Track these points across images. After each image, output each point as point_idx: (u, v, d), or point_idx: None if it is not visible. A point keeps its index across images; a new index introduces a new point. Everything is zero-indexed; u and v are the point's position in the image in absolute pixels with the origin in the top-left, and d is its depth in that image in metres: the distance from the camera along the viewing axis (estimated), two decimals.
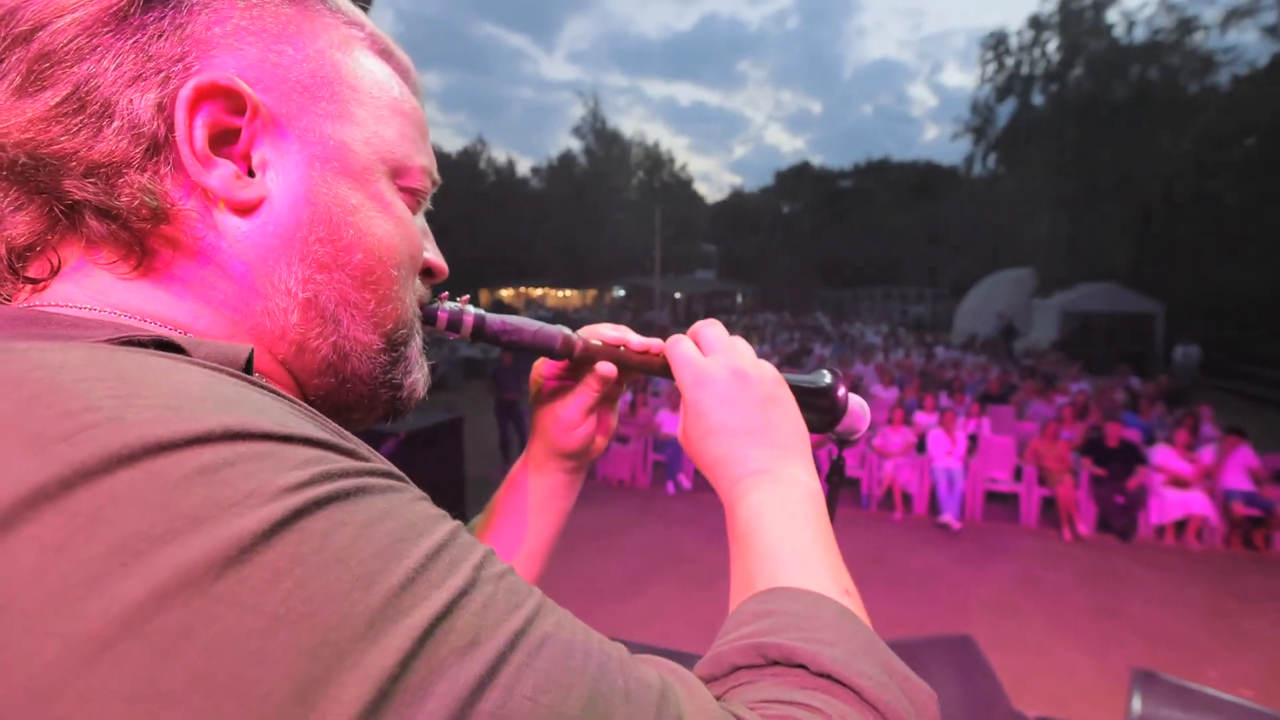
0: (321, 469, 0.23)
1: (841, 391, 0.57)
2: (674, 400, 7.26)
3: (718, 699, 0.31)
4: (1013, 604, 4.34)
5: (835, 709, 0.30)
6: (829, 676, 0.32)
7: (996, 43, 18.89)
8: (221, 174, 0.33)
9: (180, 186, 0.33)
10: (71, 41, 0.30)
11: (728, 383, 0.48)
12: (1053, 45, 18.02)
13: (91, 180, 0.30)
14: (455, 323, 0.47)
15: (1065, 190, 16.14)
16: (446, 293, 0.49)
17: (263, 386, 0.28)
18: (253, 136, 0.34)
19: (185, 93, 0.31)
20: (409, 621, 0.21)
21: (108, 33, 0.30)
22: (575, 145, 40.29)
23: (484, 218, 38.75)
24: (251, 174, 0.34)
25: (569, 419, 0.56)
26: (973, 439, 6.39)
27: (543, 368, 0.56)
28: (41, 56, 0.29)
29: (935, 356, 12.99)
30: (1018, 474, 6.00)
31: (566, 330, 0.51)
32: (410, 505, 0.25)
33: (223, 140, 0.33)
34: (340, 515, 0.22)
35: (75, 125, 0.30)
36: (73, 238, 0.32)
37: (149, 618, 0.18)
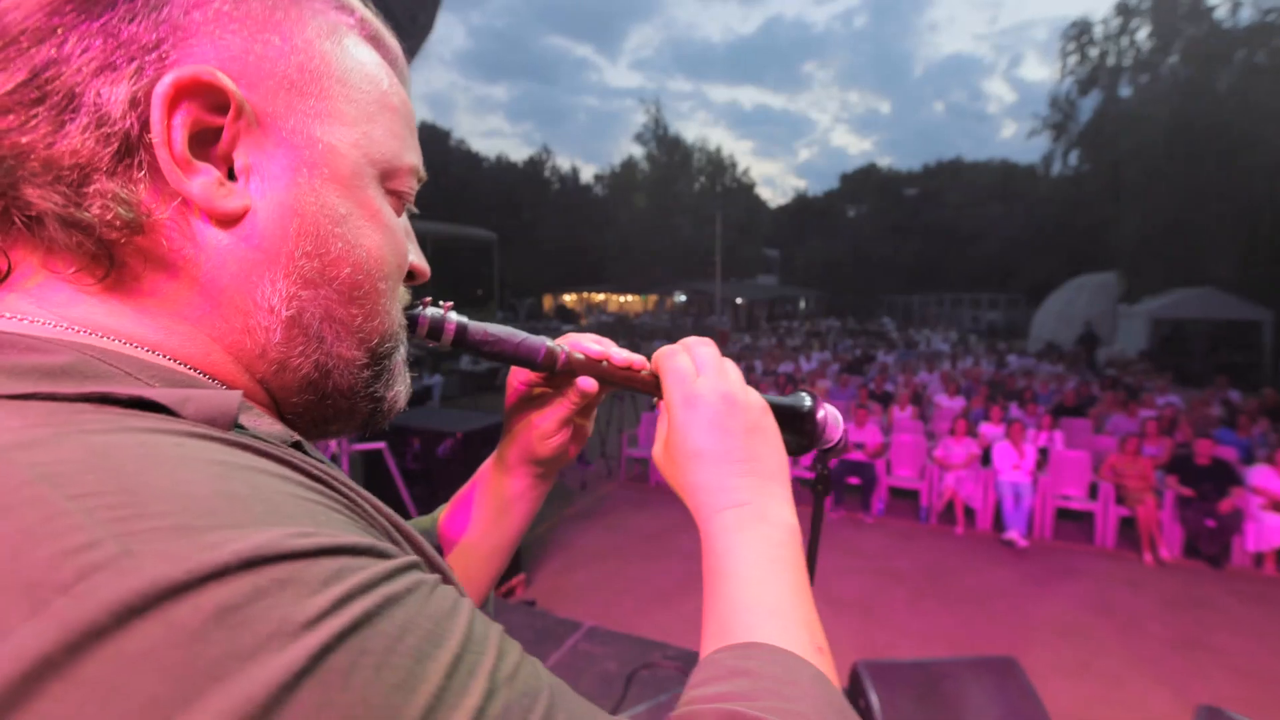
0: (343, 589, 0.21)
1: (821, 414, 0.58)
2: None
3: None
4: (1083, 629, 4.11)
5: None
6: None
7: (1079, 33, 17.75)
8: (203, 181, 0.30)
9: (155, 193, 0.29)
10: (28, 18, 0.26)
11: (717, 407, 0.46)
12: (1143, 33, 16.81)
13: (56, 185, 0.27)
14: (436, 330, 0.45)
15: (1157, 188, 14.97)
16: (429, 298, 0.47)
17: (259, 451, 0.27)
18: (235, 137, 0.31)
19: (162, 88, 0.28)
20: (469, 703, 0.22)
21: (71, 10, 0.27)
22: (638, 152, 40.68)
23: (548, 224, 39.69)
24: (234, 178, 0.31)
25: (545, 428, 0.55)
26: (1043, 453, 6.07)
27: (519, 375, 0.53)
28: (2, 36, 0.26)
29: (1007, 365, 12.37)
30: (1093, 491, 5.66)
31: (550, 342, 0.51)
32: (427, 605, 0.24)
33: (202, 141, 0.30)
34: (362, 644, 0.21)
35: (33, 117, 0.27)
36: (27, 242, 0.29)
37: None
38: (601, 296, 41.80)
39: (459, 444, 3.98)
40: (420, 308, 0.45)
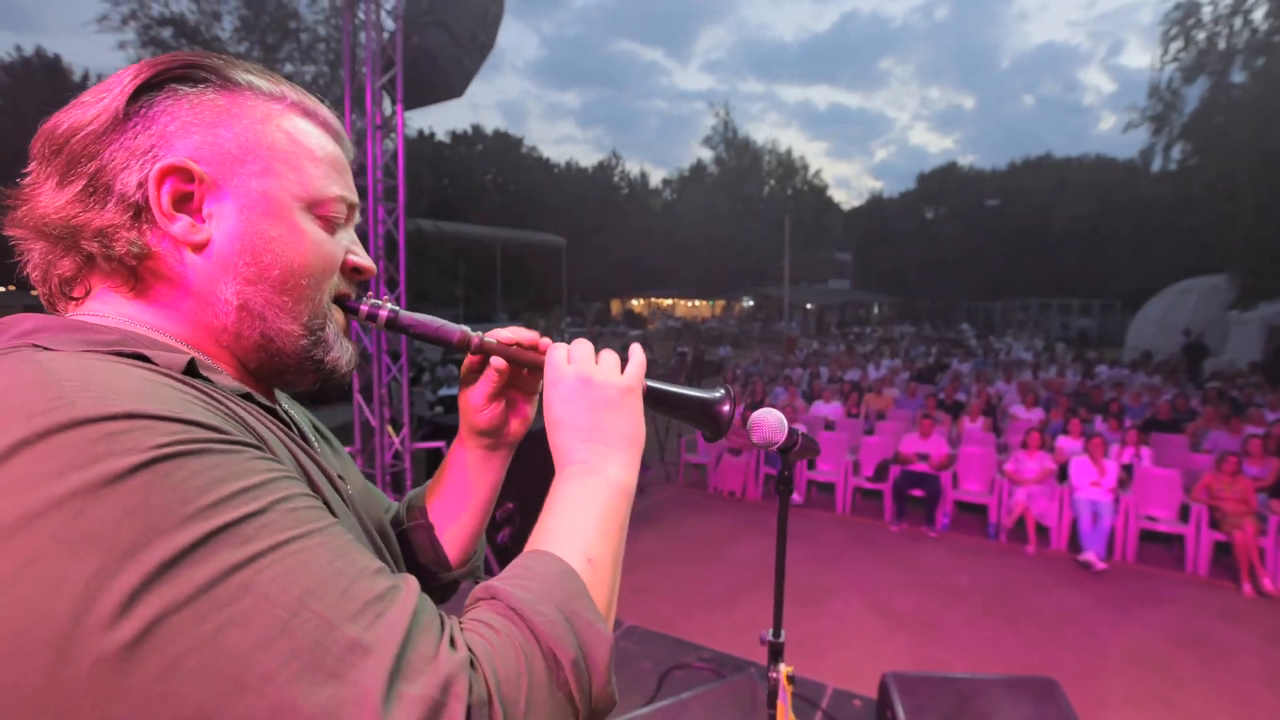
0: (180, 437, 0.35)
1: (727, 407, 0.65)
2: (788, 414, 7.16)
3: (464, 613, 0.43)
4: (1163, 660, 3.83)
5: (508, 631, 0.40)
6: (512, 608, 0.41)
7: (1185, 16, 16.26)
8: (181, 225, 0.48)
9: (156, 235, 0.48)
10: (87, 148, 0.46)
11: (572, 386, 0.58)
12: (1260, 13, 15.22)
13: (98, 239, 0.46)
14: (373, 315, 0.59)
15: (1276, 182, 13.50)
16: (371, 291, 0.61)
17: (184, 383, 0.42)
18: (202, 195, 0.49)
19: (154, 173, 0.46)
20: (205, 525, 0.33)
21: (106, 136, 0.46)
22: (706, 155, 40.53)
23: (616, 229, 40.19)
24: (205, 220, 0.49)
25: (475, 402, 0.67)
26: (1128, 470, 5.68)
27: (466, 363, 0.67)
28: (71, 160, 0.46)
29: (1095, 376, 11.55)
30: (1184, 514, 5.25)
31: (465, 328, 0.64)
32: (243, 461, 0.37)
33: (183, 200, 0.48)
34: (181, 463, 0.34)
35: (90, 204, 0.46)
36: (96, 273, 0.48)
37: (64, 502, 0.31)
38: (669, 301, 41.90)
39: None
40: (364, 298, 0.60)
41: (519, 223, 31.66)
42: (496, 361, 0.65)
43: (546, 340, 0.65)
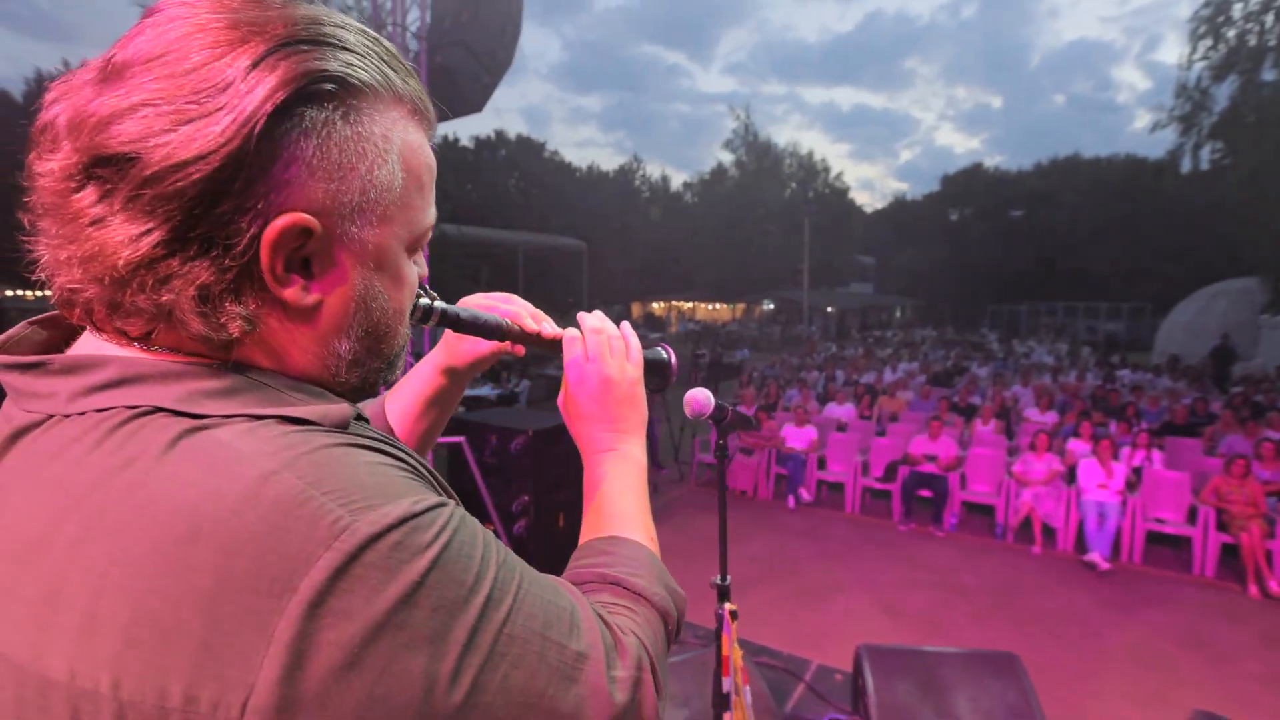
0: (436, 527, 0.38)
1: (674, 361, 0.79)
2: (799, 416, 7.30)
3: (592, 595, 0.51)
4: (1164, 658, 3.90)
5: (643, 610, 0.53)
6: (637, 593, 0.54)
7: (1215, 13, 15.94)
8: (292, 290, 0.41)
9: (260, 297, 0.41)
10: (186, 189, 0.36)
11: (595, 386, 0.68)
12: None
13: (193, 298, 0.38)
14: (426, 316, 0.61)
15: None
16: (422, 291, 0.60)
17: (374, 449, 0.41)
18: (313, 254, 0.42)
19: (269, 234, 0.38)
20: (478, 599, 0.38)
21: (217, 178, 0.36)
22: (727, 158, 40.59)
23: (637, 232, 40.42)
24: (317, 280, 0.43)
25: (479, 358, 0.74)
26: (1138, 472, 5.70)
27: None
28: (159, 198, 0.36)
29: (1116, 380, 11.43)
30: (1192, 516, 5.27)
31: (505, 321, 0.70)
32: (464, 525, 0.40)
33: (295, 261, 0.41)
34: (454, 552, 0.38)
35: (182, 255, 0.37)
36: (166, 323, 0.40)
37: (390, 616, 0.34)
38: (689, 305, 42.00)
39: (529, 441, 4.38)
40: (424, 301, 0.61)
41: (541, 226, 32.04)
42: (517, 349, 0.72)
43: (558, 331, 0.73)
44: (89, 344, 0.42)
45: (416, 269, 0.52)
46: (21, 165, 0.40)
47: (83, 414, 0.38)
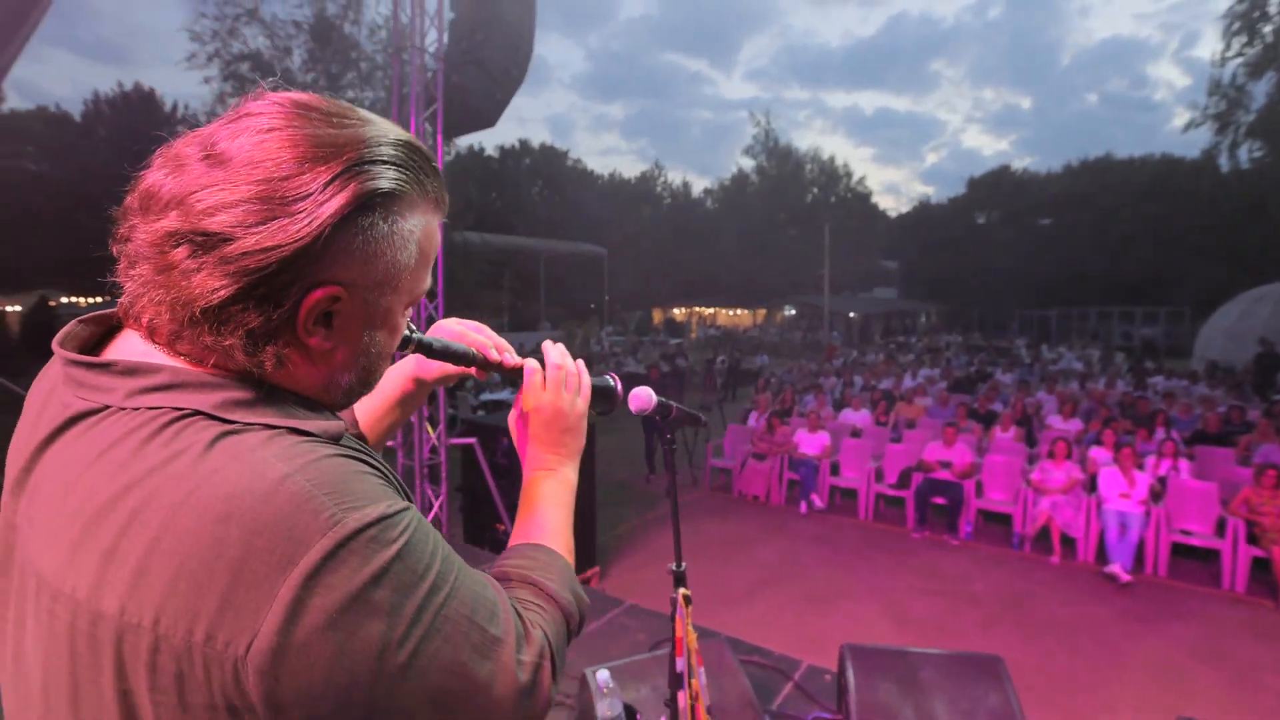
0: (400, 527, 0.48)
1: (619, 387, 0.90)
2: (812, 421, 7.26)
3: (512, 591, 0.62)
4: (1184, 673, 3.80)
5: (549, 608, 0.63)
6: (549, 595, 0.64)
7: (1250, 9, 15.43)
8: (316, 340, 0.53)
9: (294, 342, 0.52)
10: (262, 264, 0.47)
11: (550, 413, 0.79)
12: None
13: (241, 335, 0.49)
14: (405, 343, 0.69)
15: None
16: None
17: (359, 459, 0.51)
18: (337, 312, 0.53)
19: (309, 299, 0.50)
20: (426, 584, 0.48)
21: (286, 258, 0.47)
22: (748, 164, 40.50)
23: (659, 239, 40.54)
24: (337, 333, 0.54)
25: (445, 375, 0.85)
26: (1164, 482, 5.55)
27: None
28: (243, 271, 0.47)
29: (1148, 386, 11.10)
30: (1221, 528, 5.11)
31: (472, 350, 0.79)
32: (426, 529, 0.51)
33: (323, 317, 0.52)
34: (411, 547, 0.48)
35: (245, 305, 0.48)
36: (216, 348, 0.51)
37: (361, 592, 0.44)
38: (710, 310, 41.94)
39: None
40: (404, 333, 0.68)
41: (564, 233, 32.36)
42: (480, 374, 0.85)
43: (518, 361, 0.83)
44: (136, 346, 0.52)
45: (407, 317, 0.64)
46: (83, 184, 0.53)
47: (137, 409, 0.48)
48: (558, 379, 0.80)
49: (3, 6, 2.61)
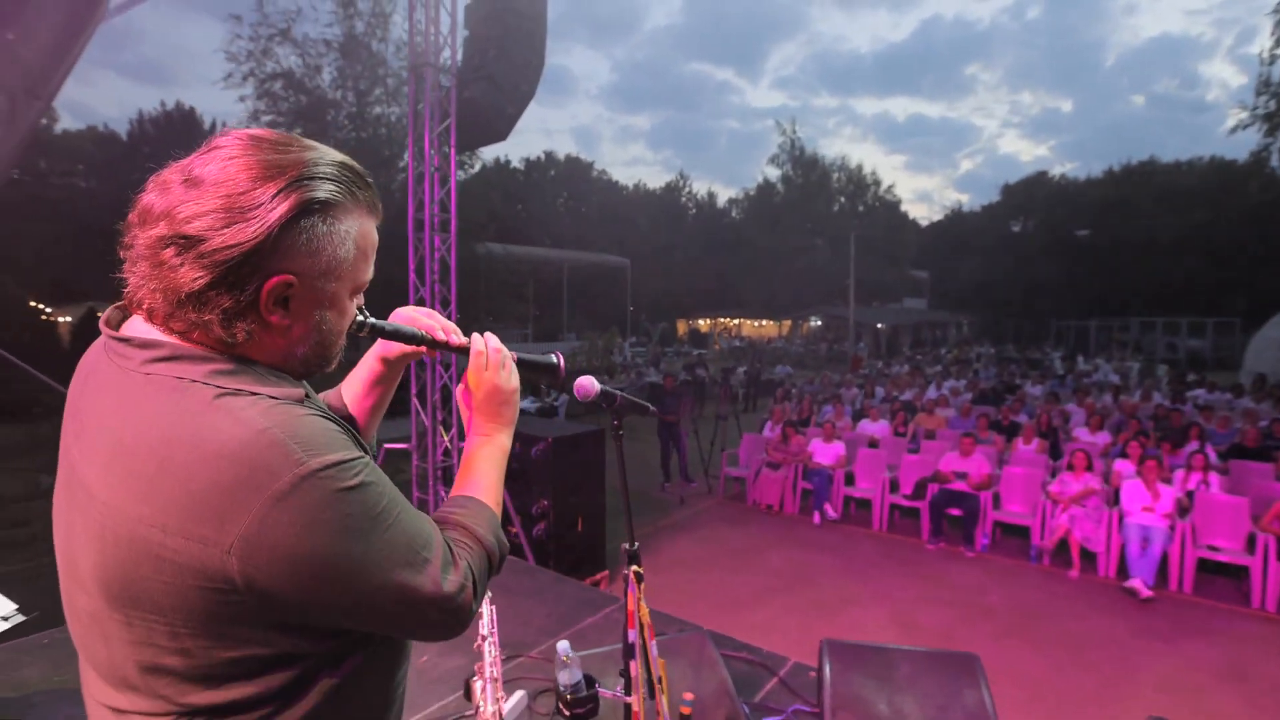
0: (353, 471, 0.63)
1: (564, 364, 1.01)
2: (827, 431, 7.22)
3: (447, 531, 0.77)
4: (1197, 691, 3.68)
5: (475, 547, 0.78)
6: (477, 537, 0.79)
7: None
8: (275, 317, 0.67)
9: (256, 317, 0.66)
10: (230, 258, 0.62)
11: (490, 388, 0.93)
12: None
13: (219, 315, 0.64)
14: (360, 326, 0.82)
15: None
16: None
17: (324, 416, 0.67)
18: (290, 297, 0.67)
19: (266, 285, 0.65)
20: (376, 511, 0.64)
21: (246, 253, 0.62)
22: (774, 174, 40.33)
23: (683, 250, 40.63)
24: (292, 312, 0.68)
25: (405, 354, 0.97)
26: (1191, 495, 5.38)
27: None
28: (215, 263, 0.62)
29: (1187, 399, 10.73)
30: (1252, 544, 4.93)
31: (420, 332, 0.91)
32: (378, 475, 0.66)
33: (280, 300, 0.67)
34: (363, 486, 0.63)
35: (220, 290, 0.64)
36: (200, 326, 0.66)
37: (330, 504, 0.61)
38: (735, 321, 41.77)
39: (549, 446, 4.55)
40: (360, 319, 0.83)
41: (587, 245, 32.69)
42: (428, 355, 0.99)
43: (463, 340, 0.95)
44: (141, 326, 0.68)
45: (356, 303, 0.79)
46: (128, 200, 0.67)
47: (149, 375, 0.64)
48: (496, 360, 0.93)
49: (51, 32, 2.85)
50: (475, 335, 0.95)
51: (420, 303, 4.66)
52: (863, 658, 1.98)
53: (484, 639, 1.70)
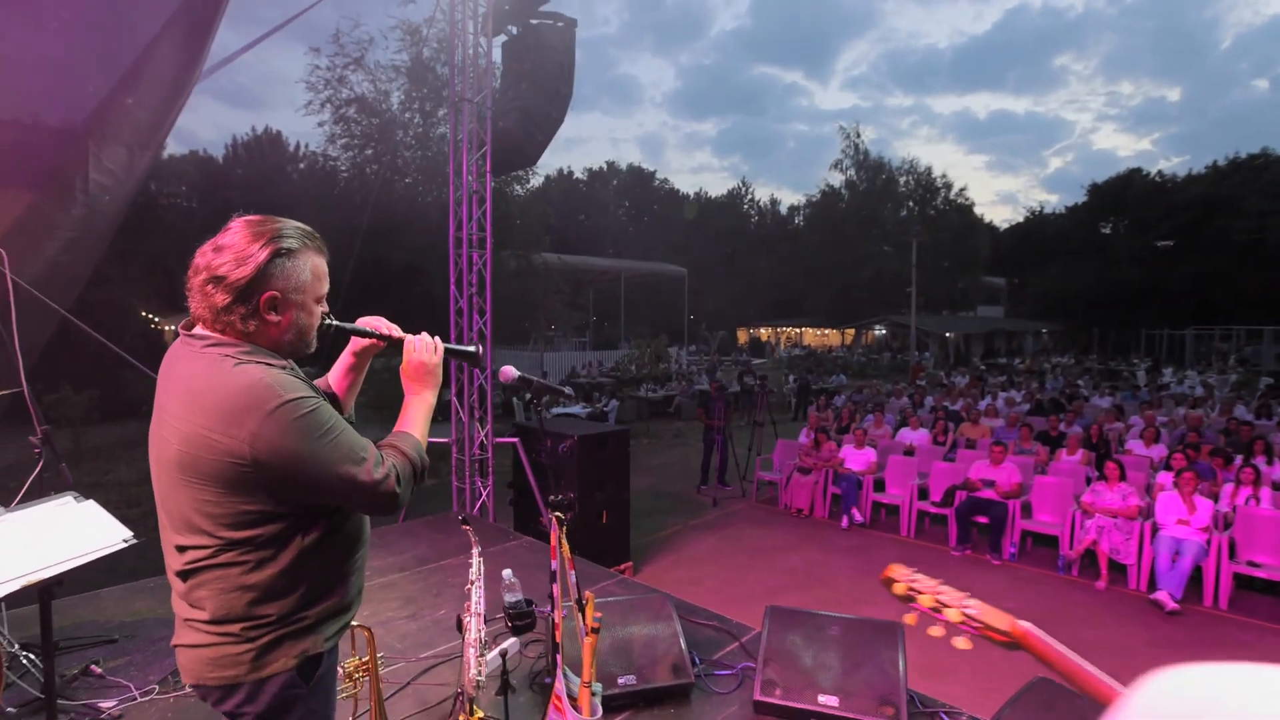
0: (310, 402, 1.15)
1: (480, 351, 1.42)
2: (858, 437, 7.31)
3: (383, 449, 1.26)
4: None
5: (401, 459, 1.24)
6: (403, 453, 1.26)
7: None
8: (271, 317, 1.19)
9: (259, 318, 1.18)
10: (238, 284, 1.15)
11: (419, 364, 1.36)
12: None
13: (239, 318, 1.17)
14: (326, 328, 1.30)
15: None
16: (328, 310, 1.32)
17: (293, 371, 1.22)
18: (277, 304, 1.18)
19: (262, 298, 1.17)
20: (327, 429, 1.15)
21: (249, 280, 1.16)
22: (837, 179, 39.62)
23: (745, 257, 40.58)
24: (279, 314, 1.20)
25: (366, 348, 1.44)
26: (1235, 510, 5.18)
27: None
28: (230, 288, 1.16)
29: (1275, 415, 9.99)
30: None
31: (369, 329, 1.36)
32: (327, 408, 1.19)
33: (271, 307, 1.19)
34: (317, 411, 1.15)
35: (237, 304, 1.16)
36: (227, 325, 1.20)
37: (292, 422, 1.12)
38: (797, 330, 41.24)
39: (575, 445, 4.95)
40: (325, 322, 1.32)
41: (648, 254, 33.24)
42: (377, 344, 1.44)
43: (403, 334, 1.40)
44: (199, 330, 1.19)
45: (321, 307, 1.29)
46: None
47: (204, 351, 1.15)
48: (425, 345, 1.39)
49: (159, 94, 3.52)
50: (409, 335, 1.39)
51: (459, 313, 5.19)
52: (799, 620, 2.26)
53: (472, 584, 2.11)
